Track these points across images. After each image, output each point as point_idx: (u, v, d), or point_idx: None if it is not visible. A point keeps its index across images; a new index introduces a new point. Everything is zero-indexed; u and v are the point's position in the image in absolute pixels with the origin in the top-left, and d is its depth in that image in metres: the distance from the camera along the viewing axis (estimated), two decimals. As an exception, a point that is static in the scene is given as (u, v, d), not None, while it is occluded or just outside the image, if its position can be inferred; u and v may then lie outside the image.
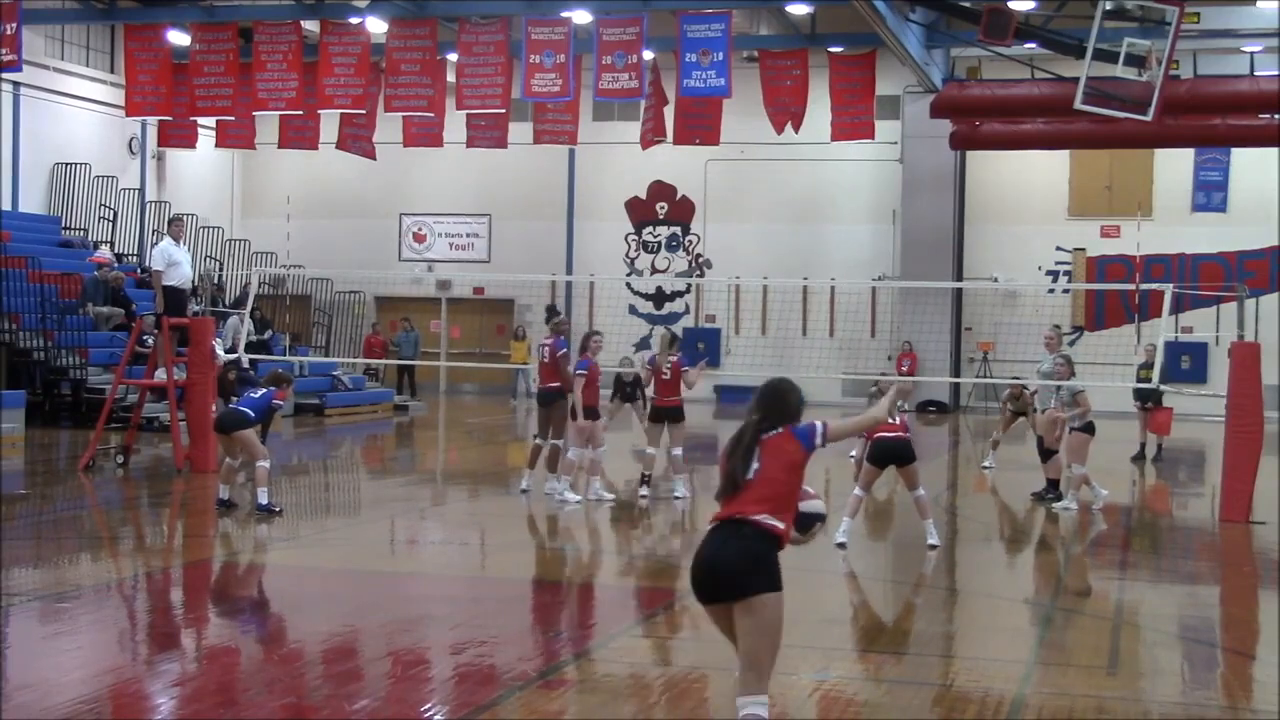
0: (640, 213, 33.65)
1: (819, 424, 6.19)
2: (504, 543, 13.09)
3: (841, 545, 11.86)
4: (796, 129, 25.35)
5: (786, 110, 25.01)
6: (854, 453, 18.61)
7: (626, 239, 33.75)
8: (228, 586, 10.75)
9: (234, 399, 15.00)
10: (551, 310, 15.42)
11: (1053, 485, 15.36)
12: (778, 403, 6.22)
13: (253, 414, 13.46)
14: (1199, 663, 8.76)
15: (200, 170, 33.05)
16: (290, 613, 9.74)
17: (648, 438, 15.27)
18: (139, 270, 27.23)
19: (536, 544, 13.05)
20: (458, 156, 29.49)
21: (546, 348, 14.83)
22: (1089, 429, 14.83)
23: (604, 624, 9.28)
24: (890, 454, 12.06)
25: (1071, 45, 21.01)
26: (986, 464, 18.91)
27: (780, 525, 5.93)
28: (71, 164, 28.56)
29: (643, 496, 14.73)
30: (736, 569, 5.79)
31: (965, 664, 8.42)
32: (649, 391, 15.36)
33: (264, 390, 13.72)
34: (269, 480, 13.22)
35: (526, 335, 30.83)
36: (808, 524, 6.36)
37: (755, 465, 6.01)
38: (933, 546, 11.99)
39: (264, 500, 13.09)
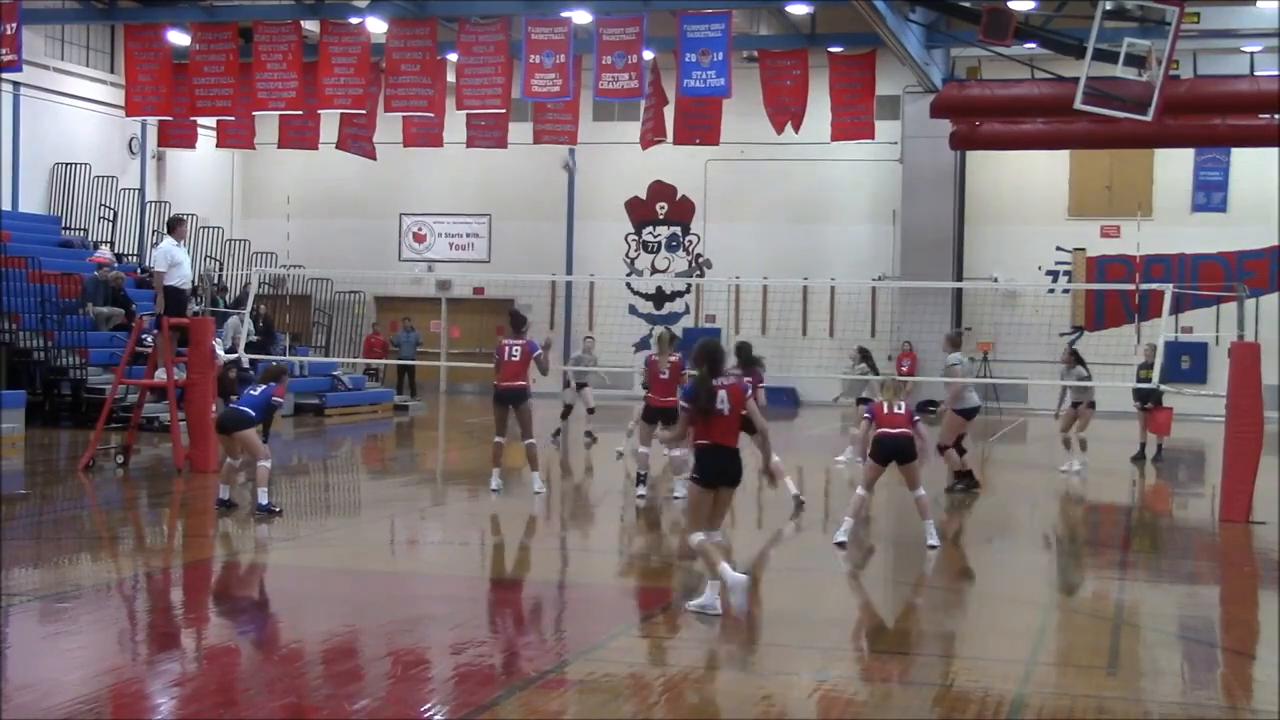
0: (640, 213, 33.66)
1: (748, 383, 9.54)
2: (504, 543, 13.10)
3: (841, 545, 11.87)
4: (796, 129, 25.34)
5: (786, 110, 25.01)
6: (841, 458, 18.64)
7: (626, 239, 33.75)
8: (228, 586, 10.74)
9: (233, 398, 14.96)
10: (516, 315, 15.56)
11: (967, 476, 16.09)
12: (722, 358, 9.20)
13: (253, 413, 13.45)
14: (1199, 663, 8.76)
15: (200, 170, 33.05)
16: (290, 613, 9.73)
17: (641, 437, 15.24)
18: (139, 270, 27.24)
19: (536, 544, 13.05)
20: (458, 156, 29.49)
21: (518, 347, 14.87)
22: (966, 413, 16.08)
23: (604, 624, 9.27)
24: (893, 451, 12.05)
25: (1071, 45, 21.01)
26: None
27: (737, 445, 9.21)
28: (71, 164, 28.56)
29: (640, 496, 14.71)
30: (740, 473, 9.21)
31: (965, 664, 8.41)
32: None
33: (263, 387, 13.68)
34: (269, 480, 13.23)
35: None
36: None
37: (723, 406, 8.97)
38: (932, 547, 11.99)
39: (264, 500, 13.08)
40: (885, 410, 12.27)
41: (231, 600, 10.28)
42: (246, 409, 13.48)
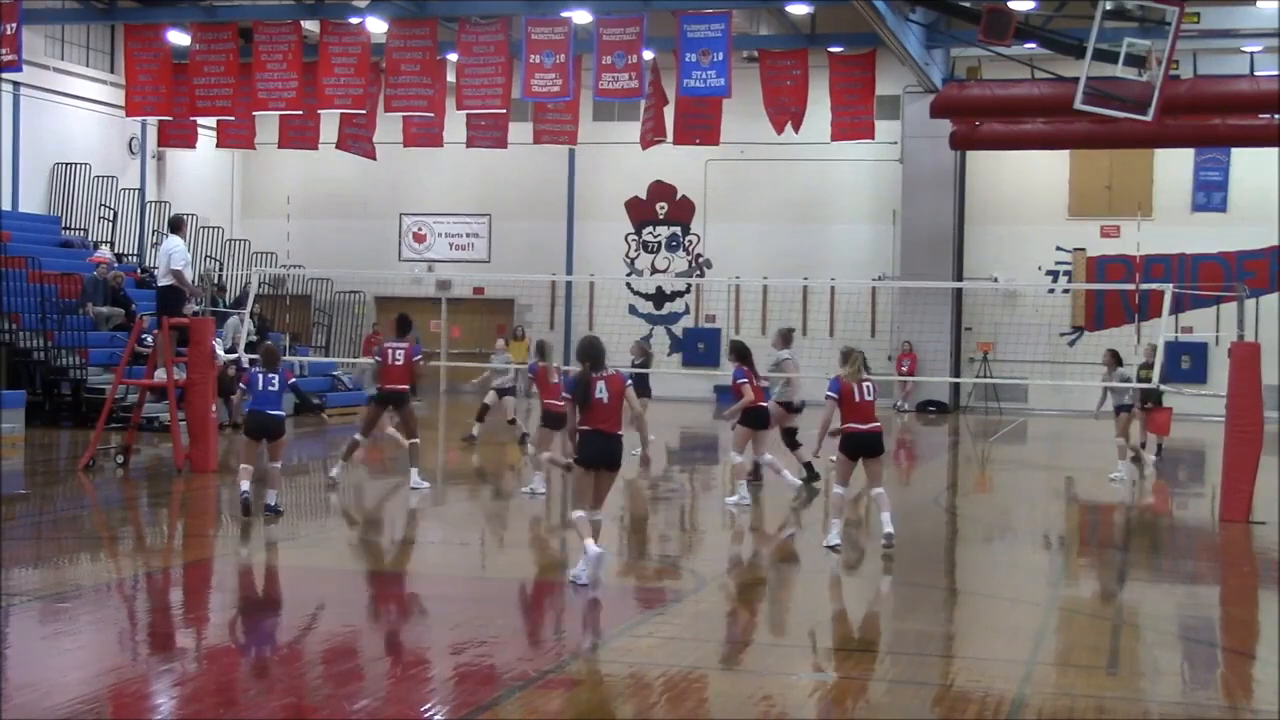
0: (640, 213, 33.66)
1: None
2: (504, 543, 13.10)
3: (834, 548, 11.76)
4: (796, 129, 25.35)
5: (786, 110, 25.01)
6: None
7: (626, 239, 33.75)
8: (228, 586, 10.75)
9: (245, 397, 14.52)
10: (403, 319, 15.88)
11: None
12: (600, 353, 10.16)
13: (283, 413, 13.46)
14: (1199, 663, 8.76)
15: (200, 170, 33.05)
16: (290, 613, 9.73)
17: (540, 442, 14.96)
18: (139, 270, 27.24)
19: (536, 544, 13.05)
20: (458, 156, 29.50)
21: (402, 350, 15.23)
22: (791, 407, 16.28)
23: (604, 624, 9.27)
24: (863, 447, 11.89)
25: (1071, 45, 21.00)
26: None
27: (621, 431, 10.22)
28: (71, 164, 28.56)
29: (539, 492, 14.79)
30: (620, 458, 10.27)
31: (965, 664, 8.41)
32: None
33: (275, 378, 13.45)
34: (278, 483, 13.25)
35: (526, 335, 30.83)
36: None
37: (602, 395, 9.94)
38: (888, 535, 11.74)
39: (273, 501, 13.07)
40: (855, 396, 11.76)
41: (231, 600, 10.27)
42: (279, 412, 13.33)
